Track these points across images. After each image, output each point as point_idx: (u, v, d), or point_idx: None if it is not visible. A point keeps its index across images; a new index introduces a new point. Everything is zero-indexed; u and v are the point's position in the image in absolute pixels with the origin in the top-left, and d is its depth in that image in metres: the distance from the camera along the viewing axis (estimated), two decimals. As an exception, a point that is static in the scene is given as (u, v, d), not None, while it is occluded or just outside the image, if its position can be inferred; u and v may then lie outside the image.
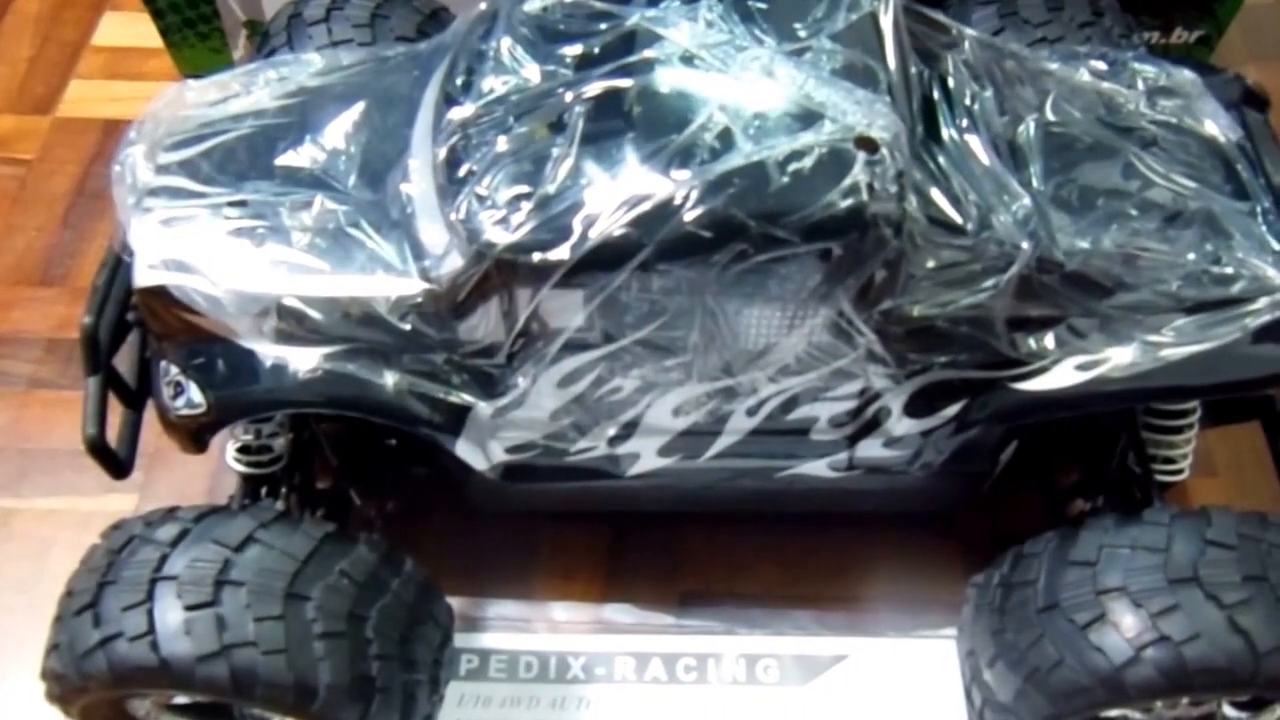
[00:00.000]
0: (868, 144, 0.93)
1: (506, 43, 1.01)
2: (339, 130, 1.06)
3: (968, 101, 1.07)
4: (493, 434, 1.05)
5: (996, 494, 1.23)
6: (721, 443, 1.07)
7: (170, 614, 0.93)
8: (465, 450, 1.06)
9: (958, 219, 0.97)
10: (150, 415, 1.10)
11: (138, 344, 1.12)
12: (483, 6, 1.07)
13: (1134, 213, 1.06)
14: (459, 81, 1.01)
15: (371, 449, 1.20)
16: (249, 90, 1.11)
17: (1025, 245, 0.98)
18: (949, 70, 1.09)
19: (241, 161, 1.05)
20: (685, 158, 0.92)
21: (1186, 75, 1.17)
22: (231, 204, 1.02)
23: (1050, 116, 1.11)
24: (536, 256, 0.92)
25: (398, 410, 1.02)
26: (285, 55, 1.21)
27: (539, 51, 1.00)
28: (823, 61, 0.97)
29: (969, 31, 1.14)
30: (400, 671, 1.00)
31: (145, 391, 1.11)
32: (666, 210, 0.91)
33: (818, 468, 1.11)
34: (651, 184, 0.92)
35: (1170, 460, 1.18)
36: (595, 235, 0.91)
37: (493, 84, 0.99)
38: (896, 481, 1.14)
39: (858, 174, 0.91)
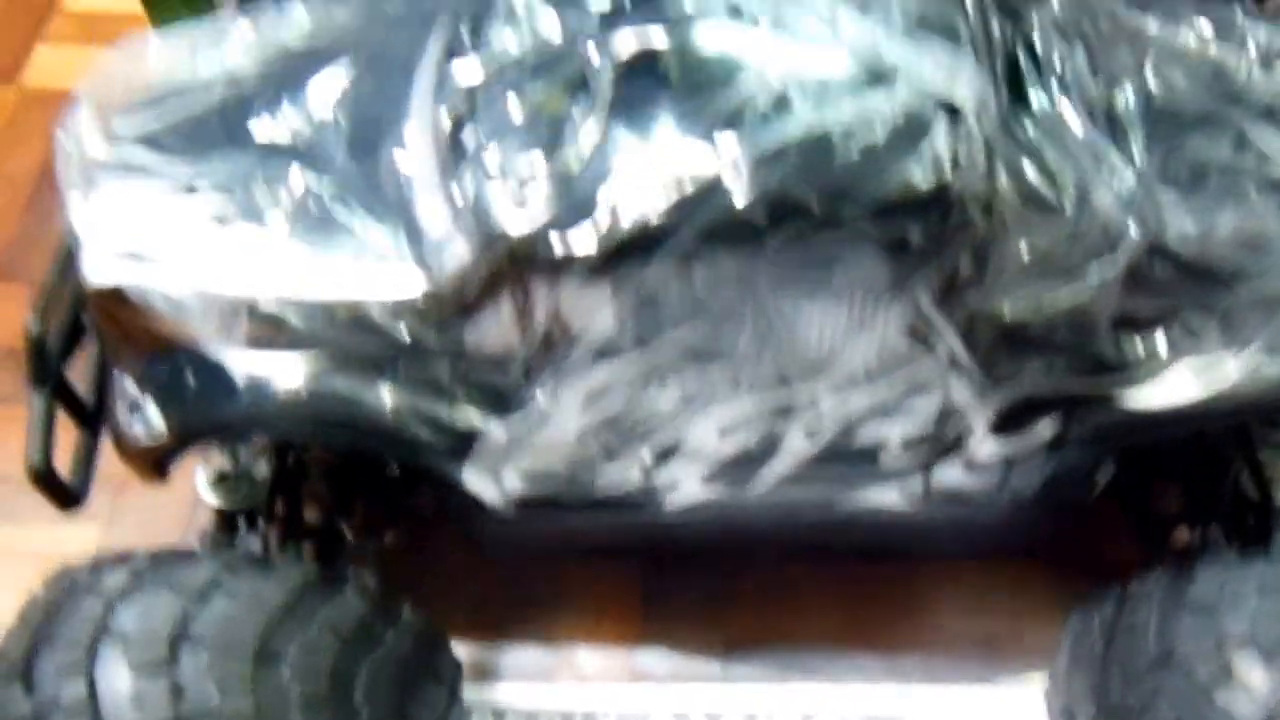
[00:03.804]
0: (949, 109, 0.78)
1: None
2: (324, 93, 0.92)
3: (1057, 64, 0.93)
4: (507, 460, 0.90)
5: (1086, 515, 1.09)
6: (775, 468, 0.92)
7: (116, 679, 0.78)
8: (474, 480, 0.91)
9: (1054, 199, 0.82)
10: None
11: (96, 352, 0.97)
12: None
13: (1252, 191, 0.91)
14: (465, 35, 0.87)
15: (369, 476, 1.05)
16: (221, 46, 0.96)
17: (1133, 230, 0.84)
18: (1034, 28, 0.94)
19: (210, 131, 0.91)
20: (733, 125, 0.77)
21: (1307, 37, 1.02)
22: (197, 182, 0.87)
23: (1151, 82, 0.97)
24: (557, 245, 0.77)
25: (393, 434, 0.87)
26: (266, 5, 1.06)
27: (558, 2, 0.85)
28: (893, 10, 0.82)
29: (1057, -17, 0.99)
30: (396, 741, 0.85)
31: (104, 408, 0.96)
32: (712, 188, 0.76)
33: (888, 497, 0.95)
34: (693, 157, 0.77)
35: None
36: (627, 219, 0.77)
37: (504, 37, 0.84)
38: (978, 513, 0.99)
39: (939, 144, 0.77)
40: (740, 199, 0.76)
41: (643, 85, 0.80)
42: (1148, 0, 1.12)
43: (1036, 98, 0.89)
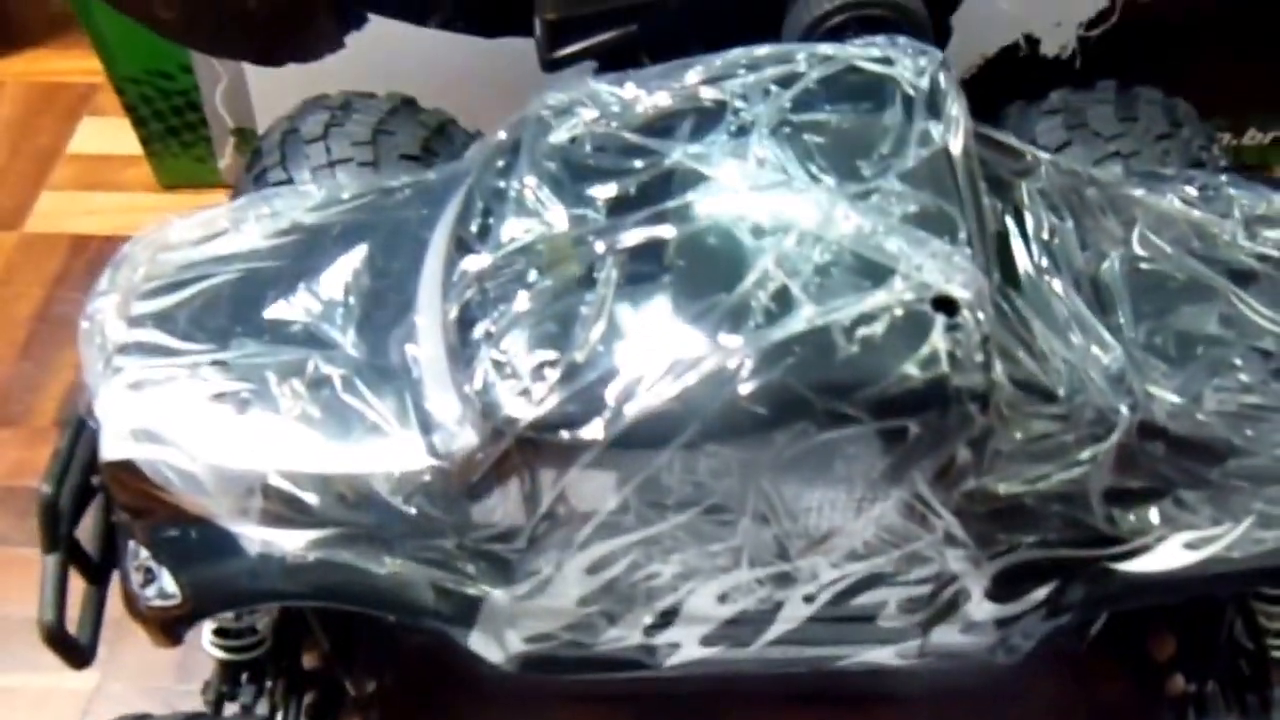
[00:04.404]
0: (947, 304, 0.80)
1: (530, 181, 0.88)
2: (336, 277, 0.94)
3: (1045, 236, 0.95)
4: (510, 623, 0.91)
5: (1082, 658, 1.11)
6: (774, 631, 0.94)
7: None
8: (479, 643, 0.93)
9: (1048, 383, 0.84)
10: (115, 585, 0.97)
11: (101, 508, 0.98)
12: (501, 135, 0.95)
13: (1238, 362, 0.94)
14: (474, 225, 0.89)
15: (367, 625, 1.07)
16: (239, 227, 0.99)
17: (1124, 410, 0.86)
18: (1024, 201, 0.97)
19: (225, 313, 0.93)
20: (736, 321, 0.79)
21: (1289, 201, 1.04)
22: (212, 364, 0.89)
23: (1137, 251, 0.99)
24: (564, 435, 0.79)
25: (401, 602, 0.89)
26: (279, 188, 1.09)
27: (566, 192, 0.87)
28: (892, 205, 0.85)
29: (1044, 156, 1.02)
30: None
31: (109, 563, 0.97)
32: (715, 383, 0.78)
33: (884, 655, 0.97)
34: (697, 351, 0.79)
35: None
36: (632, 411, 0.78)
37: (513, 229, 0.86)
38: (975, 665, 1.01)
39: (937, 341, 0.79)
40: (743, 394, 0.78)
41: (648, 276, 0.82)
42: (1133, 166, 1.16)
43: (1026, 271, 0.92)
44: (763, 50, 0.94)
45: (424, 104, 1.28)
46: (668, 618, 0.92)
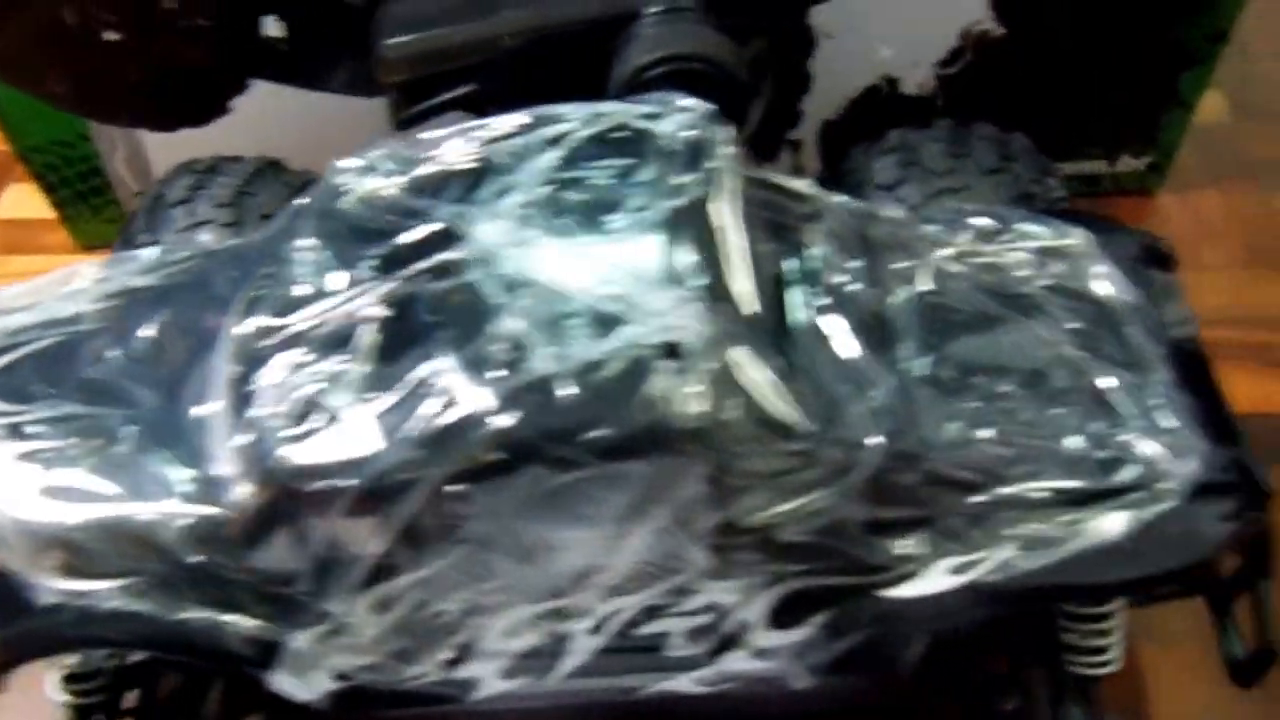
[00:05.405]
0: (672, 351, 0.84)
1: (311, 244, 0.94)
2: (147, 340, 1.00)
3: (831, 278, 0.99)
4: (313, 662, 0.97)
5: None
6: (570, 662, 0.98)
7: None
8: (284, 683, 0.97)
9: (790, 419, 0.88)
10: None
11: None
12: (302, 200, 1.01)
13: (1013, 390, 0.97)
14: (261, 287, 0.95)
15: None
16: (69, 292, 1.05)
17: (870, 443, 0.90)
18: (810, 244, 1.01)
19: (44, 375, 0.99)
20: (476, 372, 0.85)
21: (1079, 234, 1.08)
22: (23, 424, 0.95)
23: (926, 285, 1.03)
24: (322, 484, 0.85)
25: (202, 648, 0.94)
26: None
27: (345, 254, 0.93)
28: (634, 258, 0.90)
29: (834, 199, 1.06)
30: None
31: None
32: (454, 432, 0.83)
33: (682, 684, 1.01)
34: (441, 401, 0.84)
35: (1097, 650, 1.07)
36: (381, 461, 0.84)
37: (292, 291, 0.92)
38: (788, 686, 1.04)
39: (657, 385, 0.83)
40: (481, 440, 0.83)
41: (404, 333, 0.88)
42: (964, 201, 1.20)
43: (805, 315, 0.95)
44: (543, 110, 1.00)
45: (316, 163, 1.34)
46: (463, 653, 0.97)
